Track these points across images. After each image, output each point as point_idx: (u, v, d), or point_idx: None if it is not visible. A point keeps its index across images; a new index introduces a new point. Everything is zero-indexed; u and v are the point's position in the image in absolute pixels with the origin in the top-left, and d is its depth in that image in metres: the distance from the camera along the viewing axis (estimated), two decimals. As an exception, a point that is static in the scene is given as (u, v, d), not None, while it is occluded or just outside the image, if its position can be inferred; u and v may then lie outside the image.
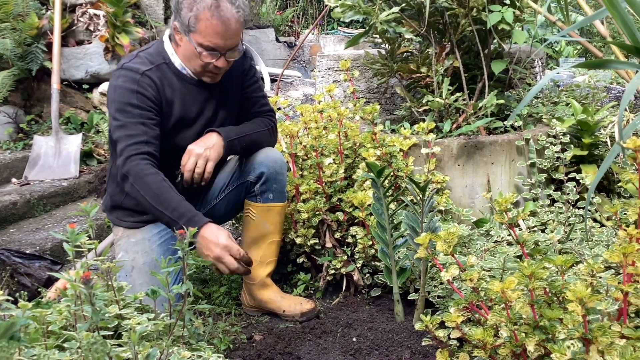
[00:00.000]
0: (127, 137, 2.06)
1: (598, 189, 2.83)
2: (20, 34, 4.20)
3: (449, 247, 1.68)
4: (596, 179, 1.68)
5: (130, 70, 2.12)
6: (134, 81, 2.09)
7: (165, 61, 2.18)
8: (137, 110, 2.08)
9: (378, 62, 3.14)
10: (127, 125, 2.07)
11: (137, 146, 2.05)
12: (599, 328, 1.36)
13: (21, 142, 4.15)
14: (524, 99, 1.65)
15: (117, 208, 2.31)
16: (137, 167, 2.02)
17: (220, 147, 2.19)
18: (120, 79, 2.11)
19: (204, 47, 2.07)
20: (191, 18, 2.03)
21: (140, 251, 2.25)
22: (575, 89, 3.48)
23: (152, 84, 2.12)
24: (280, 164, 2.34)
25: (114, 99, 2.10)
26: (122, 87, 2.09)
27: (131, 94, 2.08)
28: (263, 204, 2.34)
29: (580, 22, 1.85)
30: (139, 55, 2.18)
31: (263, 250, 2.38)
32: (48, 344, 1.40)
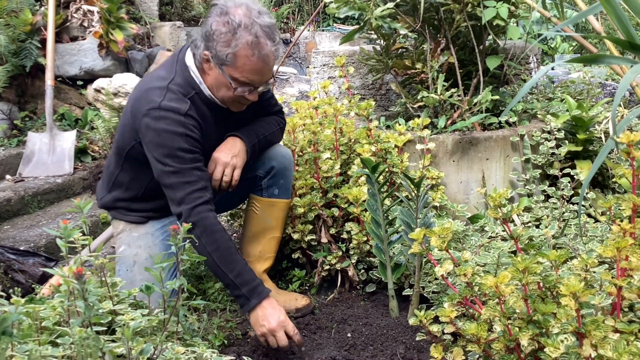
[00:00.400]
0: (185, 184, 1.98)
1: (592, 185, 2.83)
2: (14, 30, 4.19)
3: (443, 243, 1.68)
4: (590, 174, 1.68)
5: (172, 111, 1.98)
6: (179, 124, 1.98)
7: (196, 91, 2.07)
8: (189, 154, 1.99)
9: (373, 58, 3.14)
10: (181, 171, 1.98)
11: (198, 194, 1.98)
12: (592, 322, 1.36)
13: (15, 138, 4.14)
14: (519, 93, 1.65)
15: (123, 208, 2.27)
16: (207, 220, 1.97)
17: (244, 153, 2.17)
18: (162, 122, 1.97)
19: (239, 83, 1.99)
20: (229, 54, 1.93)
21: (143, 245, 2.23)
22: (570, 85, 3.48)
23: (196, 125, 2.02)
24: (289, 160, 2.34)
25: (161, 144, 1.98)
26: (169, 131, 1.97)
27: (180, 138, 1.97)
28: (268, 198, 2.34)
29: (574, 17, 1.86)
30: (171, 89, 2.02)
31: (262, 245, 2.37)
32: (41, 340, 1.39)
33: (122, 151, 2.15)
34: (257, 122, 2.29)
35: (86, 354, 1.14)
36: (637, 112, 1.70)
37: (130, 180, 2.20)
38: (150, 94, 2.02)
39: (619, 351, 1.30)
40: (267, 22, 1.96)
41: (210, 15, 1.99)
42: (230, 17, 1.93)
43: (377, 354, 2.02)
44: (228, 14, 1.94)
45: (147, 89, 2.05)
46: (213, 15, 1.98)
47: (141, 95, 2.04)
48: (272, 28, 1.98)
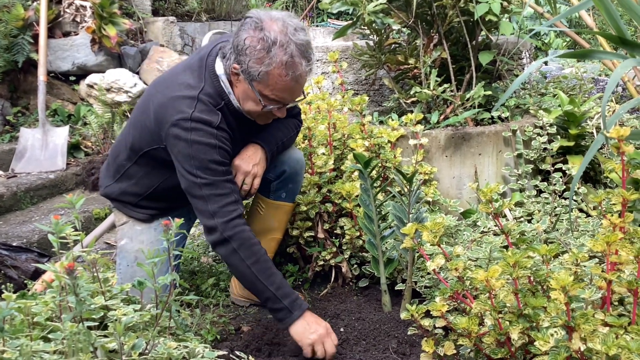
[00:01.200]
0: (218, 196, 1.95)
1: (584, 180, 2.85)
2: (5, 25, 4.16)
3: (435, 238, 1.69)
4: (580, 169, 1.69)
5: (204, 123, 1.94)
6: (212, 136, 1.94)
7: (225, 102, 2.03)
8: (222, 167, 1.97)
9: (366, 53, 3.14)
10: (215, 183, 1.95)
11: (232, 207, 1.96)
12: (581, 316, 1.37)
13: (7, 134, 4.12)
14: (510, 87, 1.66)
15: (129, 203, 2.24)
16: (244, 233, 1.95)
17: (265, 161, 2.16)
18: (194, 134, 1.93)
19: (268, 100, 1.95)
20: (261, 72, 1.88)
21: (146, 241, 2.21)
22: (563, 80, 3.49)
23: (228, 137, 2.00)
24: (301, 165, 2.33)
25: (192, 156, 1.94)
26: (202, 143, 1.93)
27: (212, 150, 1.94)
28: (274, 201, 2.33)
29: (565, 12, 1.86)
30: (201, 100, 1.97)
31: (263, 244, 2.37)
32: (33, 335, 1.39)
33: (138, 149, 2.12)
34: (276, 126, 2.23)
35: (77, 349, 1.14)
36: (627, 107, 1.71)
37: (142, 175, 2.17)
38: (179, 103, 1.96)
39: (608, 344, 1.31)
40: (302, 40, 1.90)
41: (243, 28, 1.92)
42: (266, 33, 1.86)
43: (369, 349, 2.03)
44: (263, 30, 1.87)
45: (175, 97, 1.98)
46: (247, 29, 1.90)
47: (169, 102, 1.98)
48: (307, 46, 1.92)
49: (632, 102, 1.78)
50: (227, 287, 2.53)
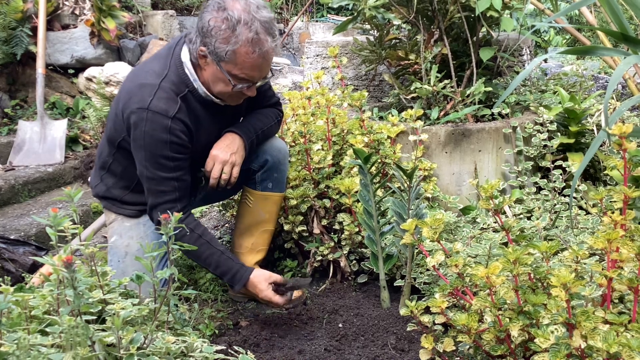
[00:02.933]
0: (159, 192, 2.01)
1: (584, 177, 2.84)
2: (4, 17, 4.14)
3: (435, 234, 1.68)
4: (581, 166, 1.68)
5: (159, 114, 1.94)
6: (165, 129, 1.94)
7: (190, 89, 2.02)
8: (171, 162, 1.98)
9: (366, 48, 3.13)
10: (158, 179, 1.99)
11: (170, 205, 1.99)
12: (582, 313, 1.36)
13: (6, 127, 4.10)
14: (511, 84, 1.65)
15: (114, 199, 2.25)
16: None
17: (243, 150, 2.15)
18: (148, 124, 1.94)
19: (237, 79, 1.95)
20: (228, 51, 1.89)
21: (135, 236, 2.21)
22: (563, 77, 3.48)
23: (184, 129, 1.98)
24: (284, 154, 2.32)
25: (144, 147, 1.97)
26: (153, 137, 1.95)
27: (163, 145, 1.95)
28: (262, 192, 2.32)
29: (567, 9, 1.85)
30: (162, 87, 1.98)
31: (255, 237, 2.37)
32: (31, 329, 1.39)
33: (114, 141, 2.13)
34: (254, 116, 2.25)
35: (75, 343, 1.14)
36: (628, 104, 1.70)
37: (123, 169, 2.18)
38: (141, 90, 1.98)
39: (609, 342, 1.30)
40: (266, 17, 1.91)
41: (206, 10, 1.93)
42: (229, 12, 1.87)
43: (368, 344, 2.03)
44: (226, 10, 1.88)
45: (139, 84, 2.00)
46: (210, 10, 1.91)
47: (132, 89, 2.00)
48: (271, 23, 1.93)
49: (634, 100, 1.77)
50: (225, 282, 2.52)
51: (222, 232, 3.08)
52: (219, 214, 3.27)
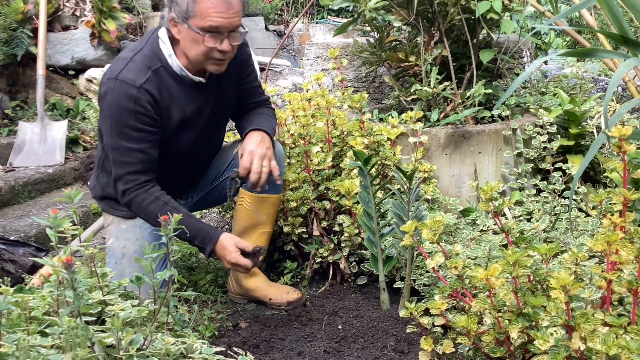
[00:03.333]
0: (122, 164, 2.01)
1: (584, 179, 2.84)
2: (5, 18, 4.15)
3: (435, 235, 1.68)
4: (581, 168, 1.68)
5: (125, 82, 1.97)
6: (131, 98, 1.96)
7: (162, 64, 2.05)
8: (136, 133, 1.99)
9: (367, 50, 3.13)
10: (122, 150, 2.00)
11: (133, 176, 2.01)
12: (581, 315, 1.36)
13: (6, 128, 4.11)
14: (511, 86, 1.65)
15: (109, 199, 2.26)
16: (137, 198, 2.03)
17: (272, 145, 2.20)
18: (115, 94, 1.97)
19: (206, 30, 1.95)
20: (189, 4, 1.93)
21: (131, 238, 2.22)
22: (563, 79, 3.49)
23: (150, 100, 1.99)
24: (280, 156, 2.32)
25: (109, 115, 1.99)
26: (119, 105, 1.97)
27: (129, 115, 1.97)
28: (259, 194, 2.32)
29: (566, 11, 1.86)
30: (134, 60, 2.02)
31: (254, 239, 2.36)
32: (30, 330, 1.39)
33: (101, 132, 2.15)
34: (261, 116, 2.28)
35: (75, 344, 1.14)
36: (628, 107, 1.70)
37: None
38: (114, 64, 2.06)
39: (608, 344, 1.30)
40: None
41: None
42: None
43: (367, 346, 2.03)
44: None
45: (115, 59, 2.10)
46: None
47: (109, 66, 2.09)
48: None
49: (633, 102, 1.78)
50: (224, 283, 2.52)
51: (222, 233, 3.08)
52: (218, 215, 3.27)
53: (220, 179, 2.38)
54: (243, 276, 2.38)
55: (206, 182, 2.40)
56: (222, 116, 2.30)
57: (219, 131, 2.36)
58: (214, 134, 2.32)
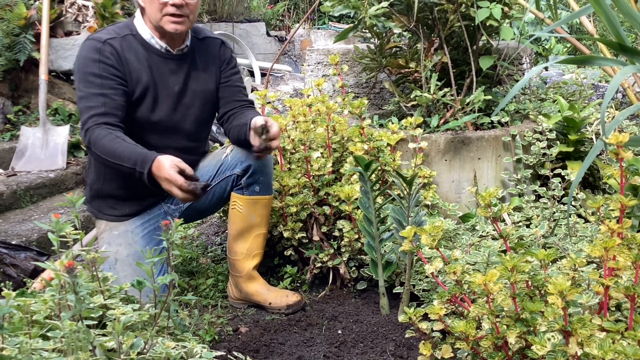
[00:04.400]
0: (87, 108, 2.11)
1: (583, 185, 2.85)
2: (8, 24, 4.17)
3: (434, 241, 1.69)
4: (579, 174, 1.70)
5: (93, 39, 2.16)
6: (95, 50, 2.13)
7: (132, 32, 2.23)
8: (99, 79, 2.12)
9: (367, 56, 3.15)
10: (87, 96, 2.12)
11: (95, 118, 2.09)
12: (579, 321, 1.37)
13: (8, 132, 4.12)
14: (510, 92, 1.67)
15: (98, 197, 2.31)
16: (93, 134, 2.08)
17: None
18: (84, 49, 2.16)
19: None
20: None
21: (124, 243, 2.26)
22: (563, 86, 3.50)
23: (113, 52, 2.15)
24: (267, 157, 2.34)
25: (78, 69, 2.15)
26: (85, 57, 2.13)
27: (93, 63, 2.12)
28: (250, 196, 2.34)
29: (566, 18, 1.87)
30: (107, 28, 2.25)
31: (249, 242, 2.38)
32: (32, 333, 1.40)
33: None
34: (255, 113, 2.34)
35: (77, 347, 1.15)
36: (626, 113, 1.71)
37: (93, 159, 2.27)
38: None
39: (605, 349, 1.31)
40: None
41: None
42: None
43: (367, 351, 2.03)
44: None
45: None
46: None
47: None
48: None
49: (632, 109, 1.79)
50: (224, 288, 2.53)
51: (222, 238, 3.10)
52: (219, 220, 3.28)
53: (211, 184, 2.40)
54: (243, 281, 2.39)
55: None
56: (197, 98, 2.33)
57: (196, 117, 2.35)
58: (189, 115, 2.33)
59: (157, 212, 2.35)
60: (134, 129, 2.17)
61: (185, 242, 3.05)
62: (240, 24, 6.96)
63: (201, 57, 2.33)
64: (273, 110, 3.01)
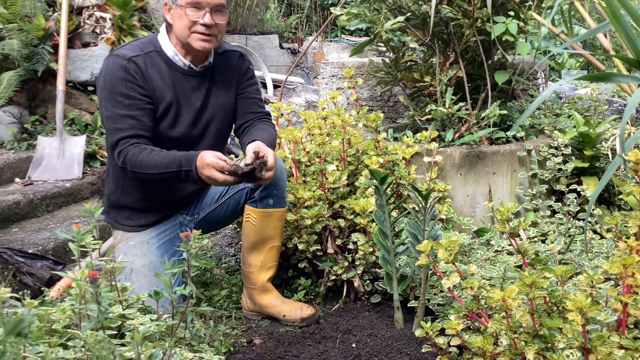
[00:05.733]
0: (116, 130, 2.12)
1: (598, 201, 2.84)
2: (27, 34, 4.23)
3: (450, 255, 1.69)
4: (596, 191, 1.69)
5: (118, 56, 2.16)
6: (121, 68, 2.13)
7: (156, 49, 2.24)
8: (126, 100, 2.13)
9: (382, 70, 3.17)
10: (115, 117, 2.13)
11: (125, 140, 2.11)
12: (598, 338, 1.37)
13: (25, 142, 4.17)
14: (527, 110, 1.67)
15: (115, 208, 2.33)
16: (128, 154, 2.10)
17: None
18: (109, 67, 2.15)
19: (188, 3, 2.13)
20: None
21: (139, 254, 2.27)
22: (578, 101, 3.50)
23: (137, 70, 2.16)
24: (280, 170, 2.35)
25: (104, 87, 2.15)
26: (111, 75, 2.13)
27: (120, 82, 2.12)
28: (263, 209, 2.35)
29: (583, 35, 1.88)
30: (131, 44, 2.25)
31: (264, 255, 2.39)
32: (52, 342, 1.41)
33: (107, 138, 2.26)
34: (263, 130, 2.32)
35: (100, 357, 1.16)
36: (645, 131, 1.71)
37: (115, 166, 2.26)
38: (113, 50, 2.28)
39: (624, 367, 1.31)
40: None
41: None
42: None
43: (381, 365, 2.03)
44: None
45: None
46: None
47: None
48: None
49: (650, 125, 1.79)
50: (239, 299, 2.54)
51: (236, 249, 3.11)
52: (233, 231, 3.30)
53: (225, 197, 2.42)
54: (257, 293, 2.40)
55: (211, 199, 2.43)
56: (218, 112, 2.34)
57: (216, 131, 2.37)
58: (209, 130, 2.34)
59: (173, 223, 2.37)
60: (153, 143, 2.19)
61: (200, 252, 3.07)
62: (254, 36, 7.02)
63: (221, 71, 2.34)
64: (287, 122, 3.03)
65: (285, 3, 9.01)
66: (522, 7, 2.93)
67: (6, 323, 1.02)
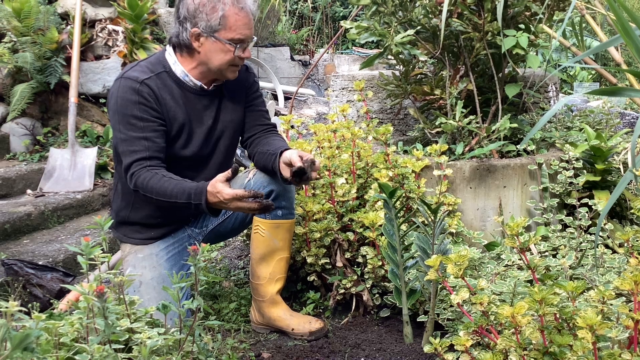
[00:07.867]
0: (130, 152, 2.13)
1: (610, 216, 2.81)
2: (40, 47, 4.28)
3: (460, 270, 1.68)
4: (608, 205, 1.68)
5: (129, 79, 2.16)
6: (134, 91, 2.13)
7: (166, 69, 2.23)
8: (140, 122, 2.13)
9: (392, 83, 3.16)
10: (129, 139, 2.13)
11: (139, 162, 2.12)
12: (609, 356, 1.35)
13: (37, 154, 4.21)
14: (538, 123, 1.66)
15: (124, 224, 2.34)
16: (139, 178, 2.10)
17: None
18: (121, 90, 2.15)
19: (235, 41, 2.15)
20: (220, 18, 2.12)
21: (148, 266, 2.28)
22: (589, 114, 3.48)
23: (150, 93, 2.16)
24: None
25: (116, 110, 2.15)
26: (123, 98, 2.14)
27: (133, 105, 2.13)
28: (272, 220, 2.35)
29: (594, 49, 1.87)
30: (140, 64, 2.24)
31: (272, 267, 2.39)
32: (60, 356, 1.41)
33: (115, 151, 2.26)
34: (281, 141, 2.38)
35: (105, 372, 1.16)
36: (656, 145, 1.70)
37: (122, 185, 2.28)
38: (122, 70, 2.26)
39: (636, 386, 1.29)
40: None
41: (182, 1, 2.18)
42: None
43: (390, 380, 2.01)
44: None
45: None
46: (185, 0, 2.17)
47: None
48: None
49: (662, 140, 1.77)
50: (247, 312, 2.53)
51: (245, 262, 3.11)
52: (242, 243, 3.30)
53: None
54: (265, 305, 2.39)
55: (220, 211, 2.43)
56: (227, 128, 2.36)
57: (226, 147, 2.39)
58: (219, 146, 2.36)
59: (181, 236, 2.38)
60: (166, 163, 2.20)
61: (209, 265, 3.07)
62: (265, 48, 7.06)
63: (229, 86, 2.35)
64: (297, 135, 3.03)
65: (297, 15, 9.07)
66: (532, 20, 2.92)
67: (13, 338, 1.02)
